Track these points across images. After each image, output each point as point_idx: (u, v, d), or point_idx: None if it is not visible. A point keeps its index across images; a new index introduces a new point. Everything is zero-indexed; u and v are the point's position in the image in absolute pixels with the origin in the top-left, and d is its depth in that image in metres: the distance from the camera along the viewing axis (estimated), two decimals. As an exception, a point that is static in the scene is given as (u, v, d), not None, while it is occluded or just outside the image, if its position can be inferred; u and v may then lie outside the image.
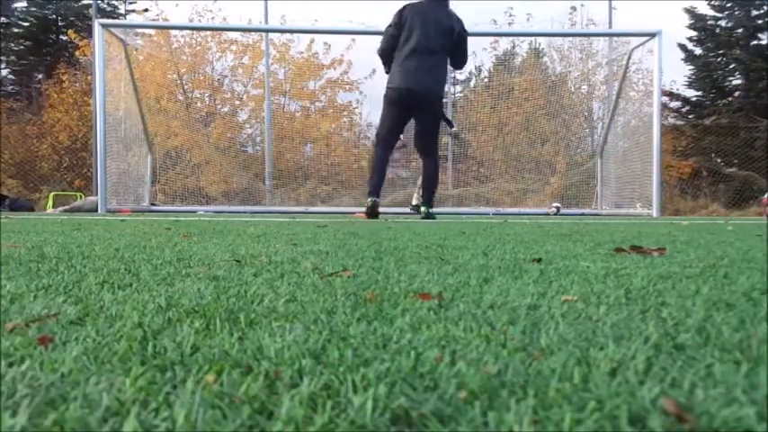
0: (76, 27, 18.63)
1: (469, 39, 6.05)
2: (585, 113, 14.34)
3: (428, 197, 6.01)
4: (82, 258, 1.66)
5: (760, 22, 17.71)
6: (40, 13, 19.91)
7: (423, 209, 5.97)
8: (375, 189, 5.93)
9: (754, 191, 13.99)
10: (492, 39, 14.48)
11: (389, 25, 5.91)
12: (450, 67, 6.14)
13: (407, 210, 8.44)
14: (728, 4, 18.28)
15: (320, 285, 1.16)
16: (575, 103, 14.08)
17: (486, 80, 16.07)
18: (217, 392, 0.52)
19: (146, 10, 17.81)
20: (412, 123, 6.13)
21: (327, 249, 1.99)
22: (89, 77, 14.33)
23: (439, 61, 5.79)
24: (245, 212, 9.63)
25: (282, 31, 13.48)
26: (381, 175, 6.02)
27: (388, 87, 5.89)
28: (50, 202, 11.87)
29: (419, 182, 7.06)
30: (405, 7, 5.85)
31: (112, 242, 2.27)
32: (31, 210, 11.51)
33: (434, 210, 6.08)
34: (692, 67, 18.85)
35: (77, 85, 16.87)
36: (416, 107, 5.83)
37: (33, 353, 0.65)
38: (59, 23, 20.14)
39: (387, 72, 6.02)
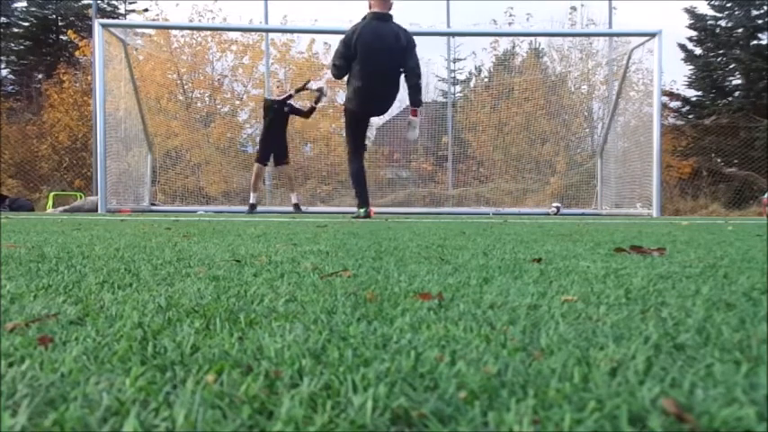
0: (76, 27, 18.63)
1: (469, 39, 6.17)
2: (585, 113, 14.33)
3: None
4: (82, 258, 1.66)
5: (760, 22, 17.70)
6: (40, 13, 19.90)
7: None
8: (365, 200, 6.16)
9: (754, 191, 13.99)
10: (492, 39, 14.46)
11: (338, 54, 6.00)
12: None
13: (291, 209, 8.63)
14: (728, 4, 18.28)
15: (320, 285, 1.16)
16: (575, 103, 14.07)
17: (486, 80, 16.05)
18: (217, 392, 0.52)
19: (146, 10, 17.80)
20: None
21: (327, 249, 1.99)
22: (89, 77, 14.34)
23: (391, 79, 6.01)
24: (245, 212, 9.62)
25: (283, 31, 13.47)
26: (364, 184, 6.28)
27: (347, 107, 6.15)
28: (50, 202, 11.87)
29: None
30: (350, 37, 5.89)
31: (112, 242, 2.27)
32: (32, 210, 11.51)
33: (435, 210, 6.11)
34: (692, 67, 18.85)
35: (77, 85, 16.86)
36: (369, 120, 6.38)
37: (33, 353, 0.65)
38: (59, 23, 20.13)
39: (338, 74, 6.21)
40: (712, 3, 18.42)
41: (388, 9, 5.91)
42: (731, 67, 18.35)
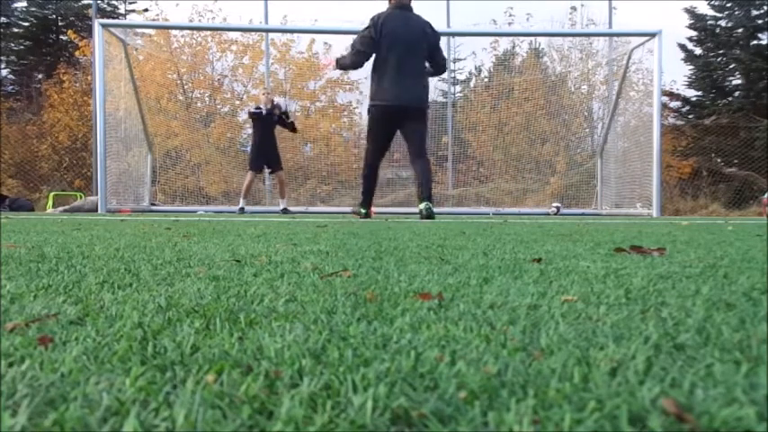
0: (76, 27, 18.63)
1: (469, 39, 6.11)
2: (585, 113, 14.34)
3: (427, 189, 5.79)
4: (82, 258, 1.66)
5: (760, 22, 17.70)
6: (40, 13, 19.90)
7: (422, 205, 5.73)
8: (368, 203, 5.97)
9: (754, 191, 13.99)
10: (492, 39, 14.46)
11: (363, 39, 5.73)
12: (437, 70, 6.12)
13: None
14: (728, 4, 18.28)
15: (320, 285, 1.16)
16: (575, 103, 14.07)
17: (486, 80, 16.05)
18: (217, 392, 0.52)
19: (146, 10, 17.81)
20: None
21: (327, 249, 1.99)
22: (89, 77, 14.34)
23: (420, 69, 5.78)
24: (245, 212, 9.62)
25: (283, 31, 13.48)
26: (373, 188, 6.06)
27: (372, 105, 5.80)
28: (50, 202, 11.87)
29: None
30: (376, 22, 5.70)
31: (112, 242, 2.27)
32: (32, 210, 11.51)
33: (435, 209, 5.94)
34: (692, 67, 18.85)
35: (77, 85, 16.86)
36: (402, 120, 5.78)
37: (33, 353, 0.65)
38: (59, 23, 20.12)
39: (347, 64, 5.96)
40: (712, 3, 18.42)
41: (409, 0, 5.80)
42: (731, 67, 18.35)
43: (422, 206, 5.70)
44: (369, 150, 5.99)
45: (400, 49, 5.62)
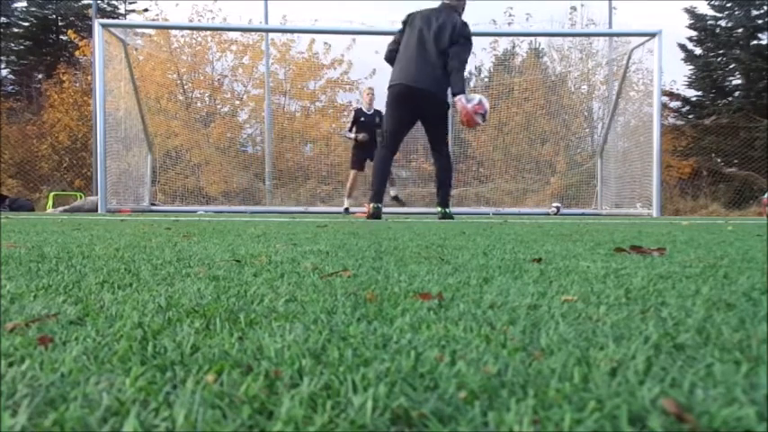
0: (76, 27, 18.65)
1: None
2: (585, 113, 14.34)
3: (444, 196, 5.92)
4: (82, 258, 1.66)
5: (760, 22, 17.72)
6: (40, 13, 19.91)
7: (439, 209, 5.89)
8: (379, 196, 5.85)
9: (754, 191, 14.00)
10: (492, 39, 14.48)
11: (394, 36, 6.01)
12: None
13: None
14: (728, 4, 18.30)
15: (320, 285, 1.16)
16: (575, 103, 14.08)
17: (486, 80, 16.06)
18: (217, 392, 0.52)
19: (146, 10, 17.84)
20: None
21: (327, 249, 1.99)
22: (89, 77, 14.35)
23: (436, 59, 5.69)
24: (245, 212, 9.63)
25: (283, 31, 13.48)
26: (384, 180, 5.97)
27: (388, 87, 5.90)
28: (50, 202, 11.87)
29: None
30: (407, 18, 5.92)
31: (112, 242, 2.27)
32: (32, 210, 11.51)
33: (435, 209, 6.00)
34: (692, 67, 18.86)
35: (77, 85, 16.88)
36: (418, 105, 5.73)
37: (33, 353, 0.65)
38: (59, 23, 20.14)
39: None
40: (712, 3, 18.44)
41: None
42: (731, 67, 18.36)
43: (438, 209, 5.96)
44: (382, 136, 5.99)
45: (420, 39, 5.71)
